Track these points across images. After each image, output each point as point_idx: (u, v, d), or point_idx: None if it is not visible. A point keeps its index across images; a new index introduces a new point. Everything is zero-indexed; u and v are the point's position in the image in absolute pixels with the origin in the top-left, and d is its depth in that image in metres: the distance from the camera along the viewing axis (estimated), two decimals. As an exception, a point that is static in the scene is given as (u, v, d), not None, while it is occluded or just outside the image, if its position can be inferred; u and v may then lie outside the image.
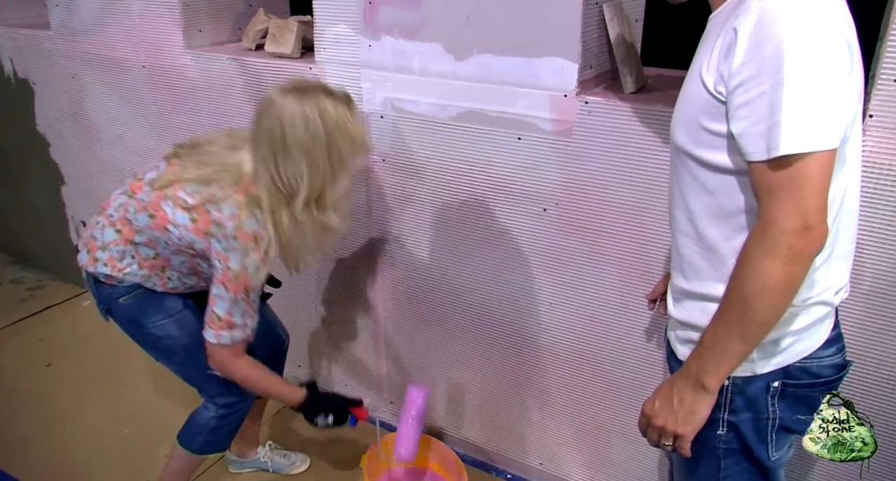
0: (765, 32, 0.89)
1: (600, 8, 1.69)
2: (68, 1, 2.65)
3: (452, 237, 2.00)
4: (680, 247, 1.14)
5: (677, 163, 1.11)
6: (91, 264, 1.70)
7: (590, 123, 1.66)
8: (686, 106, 1.06)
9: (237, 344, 1.64)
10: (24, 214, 3.49)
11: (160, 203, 1.60)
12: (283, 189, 1.53)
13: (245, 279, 1.56)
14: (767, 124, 0.90)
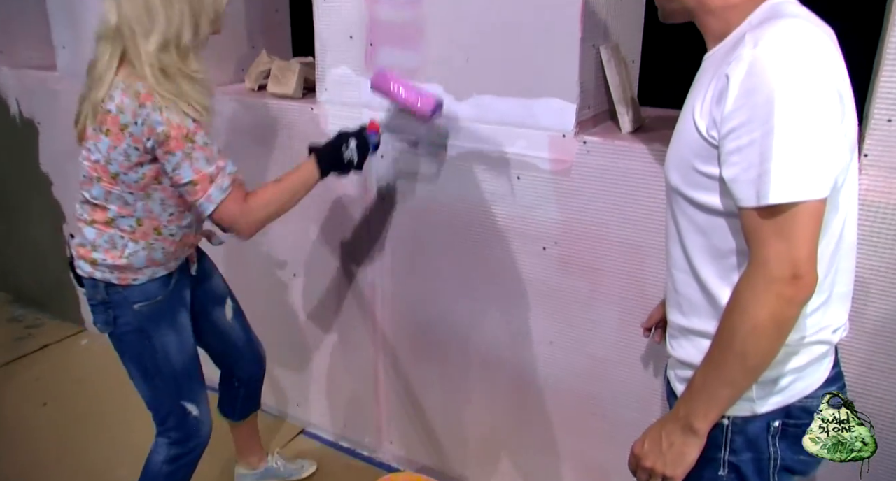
0: (756, 80, 0.90)
1: (597, 50, 1.72)
2: (75, 43, 2.70)
3: (452, 275, 2.00)
4: (677, 283, 1.14)
5: (672, 202, 1.12)
6: (95, 270, 1.61)
7: (588, 163, 1.68)
8: (679, 147, 1.07)
9: (232, 188, 1.53)
10: (24, 252, 3.49)
11: (87, 157, 1.54)
12: (137, 27, 1.44)
13: (178, 128, 1.45)
14: (758, 172, 0.91)
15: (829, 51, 0.94)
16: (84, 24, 2.64)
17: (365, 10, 1.90)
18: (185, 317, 1.74)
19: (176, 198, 1.59)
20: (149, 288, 1.65)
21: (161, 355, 1.69)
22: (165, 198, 1.58)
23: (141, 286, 1.64)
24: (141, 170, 1.51)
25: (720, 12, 1.03)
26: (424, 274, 2.06)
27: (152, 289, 1.66)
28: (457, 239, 1.96)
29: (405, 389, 2.27)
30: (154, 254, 1.62)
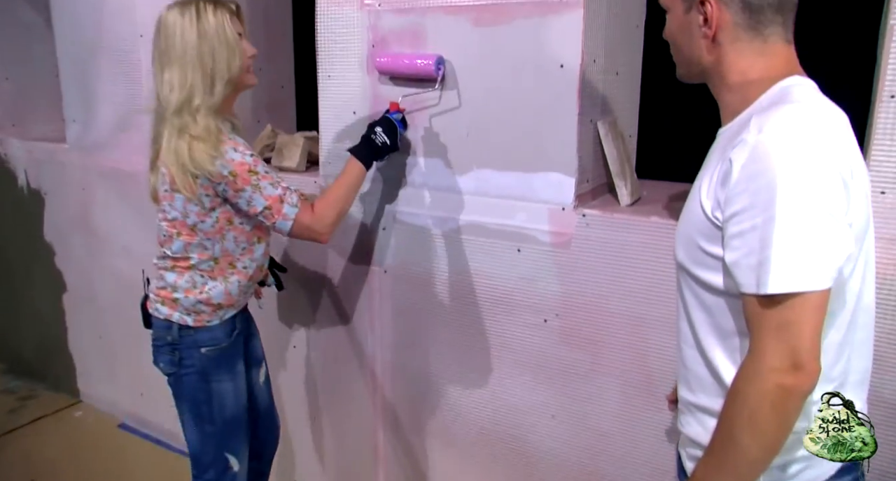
0: (758, 166, 0.90)
1: (595, 125, 1.76)
2: (86, 117, 2.77)
3: (453, 347, 1.99)
4: (685, 358, 1.13)
5: (679, 278, 1.12)
6: (173, 312, 1.74)
7: (588, 235, 1.70)
8: (687, 224, 1.07)
9: (300, 205, 1.68)
10: (22, 321, 3.48)
11: (164, 218, 1.71)
12: (163, 100, 1.62)
13: (241, 165, 1.60)
14: (758, 259, 0.90)
15: (834, 138, 0.93)
16: (95, 99, 2.71)
17: (368, 87, 1.96)
18: (242, 367, 1.86)
19: (246, 234, 1.74)
20: (217, 333, 1.77)
21: (216, 400, 1.79)
22: (237, 236, 1.72)
23: (211, 330, 1.76)
24: (214, 214, 1.67)
25: (737, 88, 1.04)
26: (425, 345, 2.05)
27: (220, 335, 1.78)
28: (458, 311, 1.95)
29: (406, 460, 2.22)
30: (230, 287, 1.76)
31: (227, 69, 1.62)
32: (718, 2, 1.01)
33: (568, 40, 1.63)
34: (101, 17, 2.59)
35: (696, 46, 1.06)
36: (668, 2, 1.10)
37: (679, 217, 1.12)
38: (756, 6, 0.99)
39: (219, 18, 1.60)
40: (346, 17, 1.97)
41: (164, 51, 1.62)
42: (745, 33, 1.01)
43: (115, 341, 3.00)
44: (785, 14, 1.01)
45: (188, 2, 1.61)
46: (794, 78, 1.01)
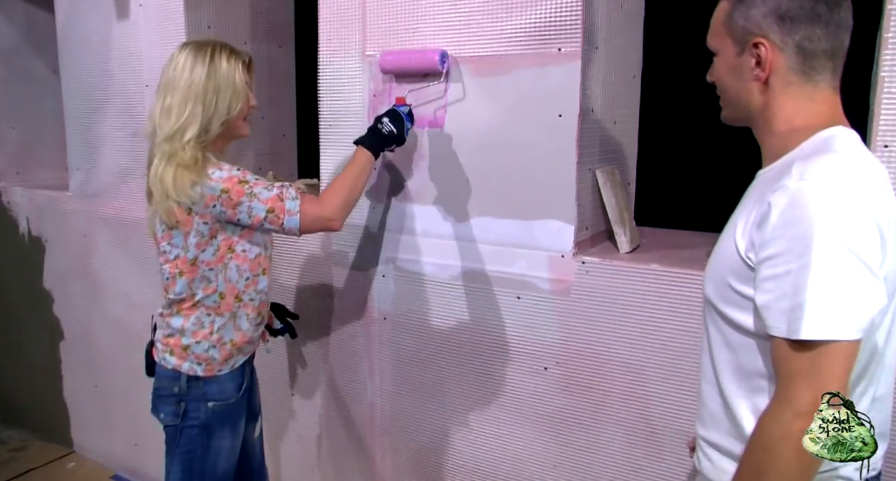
0: (797, 213, 0.91)
1: (594, 173, 1.78)
2: (89, 165, 2.80)
3: (452, 395, 1.97)
4: (703, 394, 1.13)
5: (706, 313, 1.11)
6: (183, 361, 1.70)
7: (588, 283, 1.70)
8: (719, 261, 1.07)
9: (301, 196, 1.64)
10: (17, 369, 3.44)
11: (165, 260, 1.67)
12: (157, 125, 1.62)
13: (229, 180, 1.59)
14: (790, 304, 0.91)
15: (874, 191, 0.94)
16: (99, 147, 2.75)
17: (369, 136, 1.98)
18: (243, 426, 1.82)
19: (250, 263, 1.71)
20: (227, 386, 1.74)
21: (212, 456, 1.74)
22: (240, 265, 1.69)
23: (220, 382, 1.73)
24: (215, 242, 1.64)
25: (782, 133, 1.04)
26: (424, 393, 2.02)
27: (230, 388, 1.75)
28: (457, 358, 1.94)
29: (403, 518, 2.16)
30: (240, 322, 1.73)
31: (226, 110, 1.63)
32: (773, 45, 1.01)
33: (566, 90, 1.66)
34: (107, 67, 2.65)
35: (745, 89, 1.06)
36: (717, 44, 1.10)
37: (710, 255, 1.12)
38: (810, 51, 1.01)
39: (231, 64, 1.63)
40: (347, 67, 2.01)
41: (170, 80, 1.63)
42: (797, 77, 1.02)
43: (110, 390, 2.96)
44: (836, 61, 1.03)
45: (204, 44, 1.65)
46: (837, 128, 1.02)
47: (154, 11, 2.47)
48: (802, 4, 0.99)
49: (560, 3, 1.65)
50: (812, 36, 1.00)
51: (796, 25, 1.00)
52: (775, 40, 1.01)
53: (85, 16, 2.70)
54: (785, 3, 1.00)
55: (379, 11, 1.92)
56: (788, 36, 1.00)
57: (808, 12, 0.99)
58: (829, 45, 1.01)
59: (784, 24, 1.00)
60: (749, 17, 1.03)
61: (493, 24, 1.74)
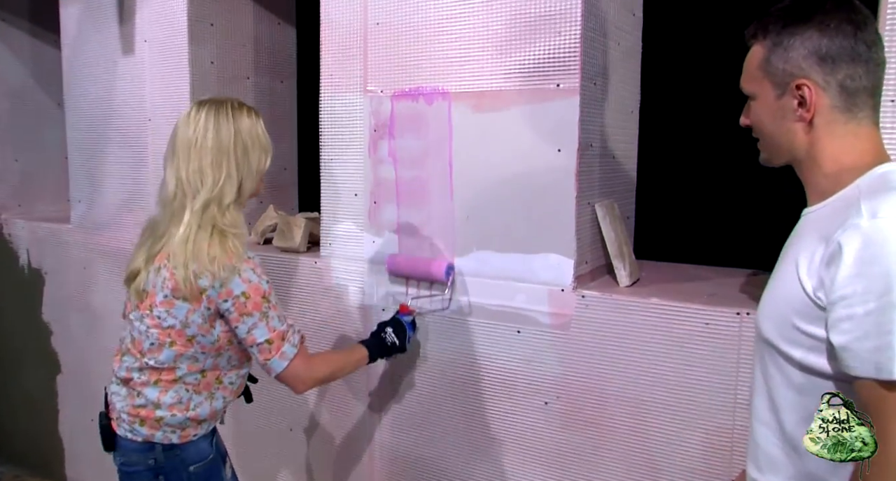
0: (875, 251, 0.90)
1: (593, 207, 1.79)
2: (90, 197, 2.82)
3: (452, 430, 1.95)
4: (757, 436, 1.10)
5: (763, 354, 1.09)
6: (156, 431, 1.60)
7: (587, 317, 1.69)
8: (777, 300, 1.05)
9: (300, 346, 1.60)
10: (12, 403, 3.41)
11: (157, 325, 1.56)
12: (189, 189, 1.54)
13: (256, 289, 1.53)
14: (875, 344, 0.89)
15: None
16: (101, 179, 2.77)
17: (370, 170, 2.00)
18: (229, 471, 1.75)
19: (240, 355, 1.64)
20: (202, 445, 1.66)
21: None
22: (233, 355, 1.63)
23: (197, 444, 1.64)
24: (215, 331, 1.56)
25: (832, 174, 1.03)
26: (423, 428, 2.00)
27: (205, 448, 1.66)
28: (457, 393, 1.92)
29: (401, 556, 2.12)
30: (216, 403, 1.65)
31: (256, 168, 1.60)
32: (816, 85, 1.02)
33: (565, 125, 1.68)
34: (111, 102, 2.68)
35: (788, 130, 1.06)
36: (754, 88, 1.10)
37: (764, 293, 1.10)
38: (853, 89, 1.01)
39: (252, 120, 1.60)
40: (348, 102, 2.03)
41: (192, 141, 1.55)
42: (840, 116, 1.03)
43: (106, 424, 2.93)
44: (876, 97, 1.04)
45: (221, 101, 1.60)
46: (890, 164, 1.02)
47: (158, 47, 2.51)
48: (843, 44, 1.00)
49: (559, 40, 1.67)
50: (854, 74, 1.01)
51: (838, 65, 1.01)
52: (818, 80, 1.02)
53: (90, 51, 2.75)
54: (825, 44, 1.01)
55: (380, 47, 1.95)
56: (831, 76, 1.01)
57: (850, 52, 1.00)
58: (871, 82, 1.02)
59: (826, 65, 1.01)
60: (789, 59, 1.03)
61: (492, 61, 1.77)
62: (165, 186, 1.59)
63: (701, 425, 1.58)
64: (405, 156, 1.93)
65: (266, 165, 1.63)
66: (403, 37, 1.90)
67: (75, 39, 2.81)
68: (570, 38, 1.66)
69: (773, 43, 1.05)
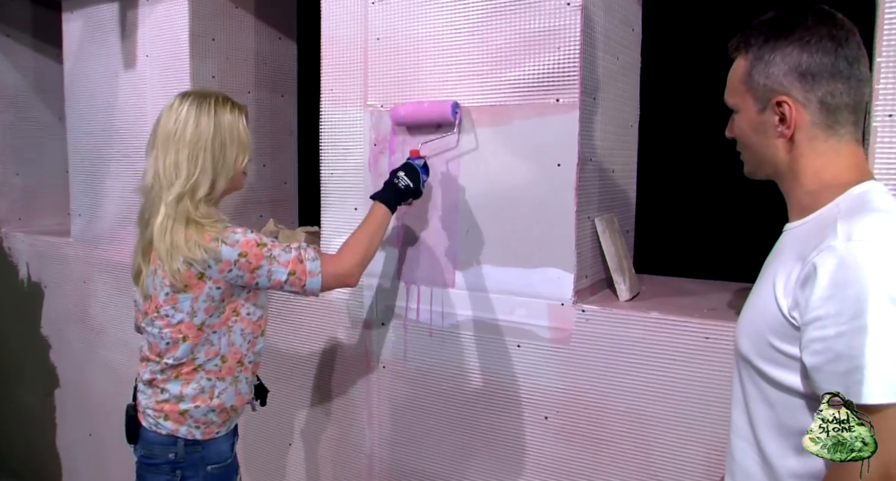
0: (848, 274, 0.89)
1: (592, 221, 1.79)
2: (91, 211, 2.82)
3: (452, 445, 1.94)
4: (735, 451, 1.10)
5: (741, 370, 1.09)
6: (180, 425, 1.62)
7: (587, 331, 1.69)
8: (754, 318, 1.05)
9: (319, 256, 1.61)
10: (11, 417, 3.40)
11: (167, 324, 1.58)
12: (164, 181, 1.55)
13: (246, 243, 1.54)
14: (846, 367, 0.89)
15: None
16: (102, 193, 2.77)
17: (370, 183, 2.00)
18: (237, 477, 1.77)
19: (252, 326, 1.66)
20: (223, 447, 1.69)
21: None
22: (244, 328, 1.64)
23: (218, 444, 1.67)
24: (222, 305, 1.59)
25: (813, 190, 1.03)
26: (423, 443, 1.99)
27: (226, 449, 1.69)
28: (457, 408, 1.91)
29: None
30: (240, 386, 1.68)
31: (233, 165, 1.61)
32: (796, 102, 1.02)
33: (565, 140, 1.69)
34: (113, 116, 2.69)
35: (770, 145, 1.06)
36: (737, 102, 1.10)
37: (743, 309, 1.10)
38: (833, 106, 1.01)
39: (235, 116, 1.61)
40: (349, 117, 2.04)
41: (171, 133, 1.57)
42: (821, 132, 1.02)
43: (105, 438, 2.92)
44: (858, 114, 1.03)
45: (205, 95, 1.61)
46: (871, 183, 1.02)
47: (160, 62, 2.53)
48: (823, 61, 1.00)
49: (558, 55, 1.69)
50: (834, 91, 1.00)
51: (818, 82, 1.00)
52: (798, 97, 1.01)
53: (92, 65, 2.76)
54: (805, 60, 1.00)
55: (380, 62, 1.96)
56: (811, 92, 1.01)
57: (830, 68, 1.00)
58: (852, 99, 1.01)
59: (806, 81, 1.01)
60: (769, 75, 1.03)
61: (492, 76, 1.78)
62: (145, 176, 1.62)
63: (701, 439, 1.57)
64: (405, 171, 1.94)
65: (243, 162, 1.64)
66: (403, 52, 1.92)
67: (77, 54, 2.83)
68: (570, 54, 1.67)
69: (755, 57, 1.05)
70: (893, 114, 1.39)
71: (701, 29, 2.31)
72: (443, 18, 1.84)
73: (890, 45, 1.39)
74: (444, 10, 1.84)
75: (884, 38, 1.39)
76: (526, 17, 1.72)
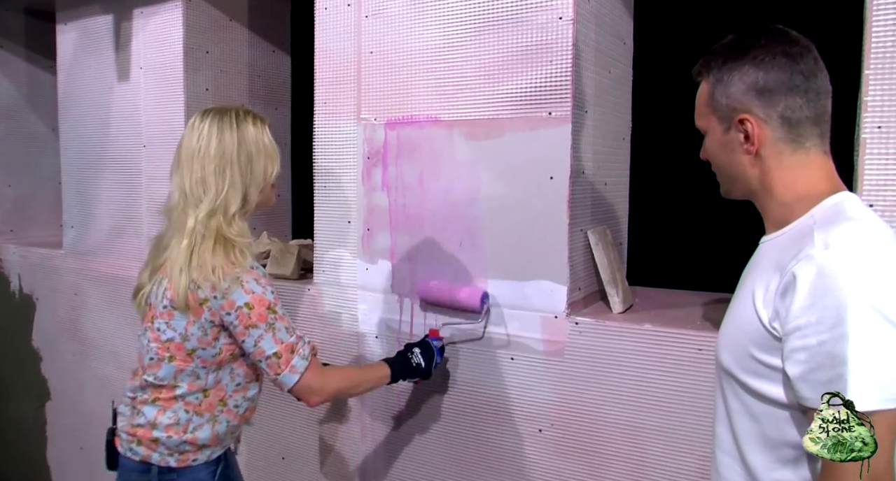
0: (828, 282, 0.91)
1: (585, 234, 1.80)
2: (83, 223, 2.81)
3: (447, 458, 1.93)
4: (719, 465, 1.10)
5: (723, 383, 1.09)
6: (153, 452, 1.55)
7: (581, 343, 1.69)
8: (735, 330, 1.06)
9: (311, 358, 1.54)
10: (0, 430, 3.37)
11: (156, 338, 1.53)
12: (192, 199, 1.51)
13: (260, 300, 1.47)
14: (828, 375, 0.90)
15: (894, 254, 0.95)
16: (95, 205, 2.77)
17: (364, 197, 2.00)
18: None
19: (245, 369, 1.59)
20: (201, 476, 1.59)
21: None
22: (235, 368, 1.58)
23: (195, 472, 1.58)
24: (218, 344, 1.52)
25: (785, 201, 1.05)
26: (416, 458, 1.98)
27: (204, 477, 1.60)
28: (451, 420, 1.91)
29: None
30: (219, 427, 1.58)
31: (263, 176, 1.57)
32: (758, 119, 1.04)
33: (557, 153, 1.69)
34: (106, 128, 2.69)
35: (738, 163, 1.08)
36: (704, 124, 1.12)
37: (723, 322, 1.11)
38: (795, 120, 1.03)
39: (258, 128, 1.58)
40: (342, 130, 2.04)
41: (195, 150, 1.53)
42: (786, 146, 1.04)
43: (95, 452, 2.89)
44: (821, 126, 1.05)
45: (225, 109, 1.58)
46: (844, 193, 1.04)
47: (154, 74, 2.53)
48: (779, 77, 1.02)
49: (550, 68, 1.69)
50: (793, 105, 1.03)
51: (776, 97, 1.03)
52: (759, 114, 1.04)
53: (86, 77, 2.76)
54: (762, 78, 1.03)
55: (374, 75, 1.97)
56: (771, 108, 1.03)
57: (786, 83, 1.02)
58: (812, 111, 1.03)
59: (765, 98, 1.03)
60: (730, 94, 1.06)
61: (485, 89, 1.79)
62: (170, 197, 1.57)
63: (696, 451, 1.57)
64: (398, 184, 1.94)
65: (273, 173, 1.60)
66: (397, 65, 1.92)
67: (71, 65, 2.83)
68: (562, 67, 1.68)
69: (716, 79, 1.08)
70: (882, 125, 1.40)
71: (692, 42, 2.33)
72: (436, 32, 1.85)
73: (877, 58, 1.40)
74: (437, 24, 1.85)
75: (871, 51, 1.40)
76: (518, 32, 1.73)
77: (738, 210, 1.34)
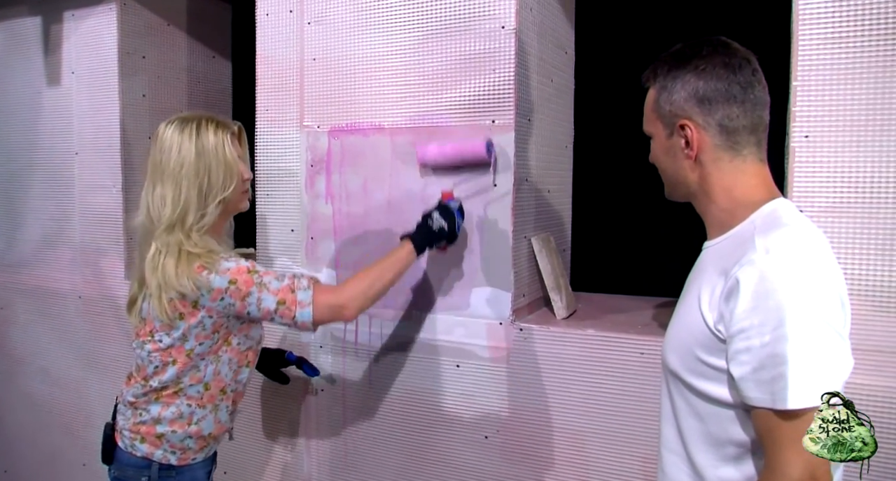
0: (769, 286, 0.94)
1: (529, 241, 1.81)
2: (11, 234, 2.69)
3: (393, 467, 1.91)
4: (665, 464, 1.12)
5: (669, 384, 1.12)
6: (156, 449, 1.58)
7: (526, 349, 1.70)
8: (681, 333, 1.09)
9: (314, 286, 1.54)
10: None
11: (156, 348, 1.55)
12: (154, 214, 1.52)
13: (237, 271, 1.49)
14: (771, 374, 0.93)
15: (830, 260, 1.00)
16: (23, 215, 2.65)
17: (307, 205, 1.98)
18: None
19: (239, 356, 1.62)
20: (198, 474, 1.65)
21: None
22: (231, 357, 1.60)
23: (193, 471, 1.63)
24: (215, 336, 1.55)
25: (724, 205, 1.09)
26: (362, 467, 1.96)
27: (201, 477, 1.65)
28: (397, 429, 1.89)
29: None
30: (220, 414, 1.63)
31: (221, 189, 1.54)
32: (697, 126, 1.08)
33: (501, 160, 1.71)
34: (35, 134, 2.59)
35: (680, 167, 1.12)
36: (650, 129, 1.17)
37: (669, 325, 1.14)
38: (732, 128, 1.07)
39: (219, 137, 1.53)
40: (285, 138, 2.02)
41: (158, 164, 1.53)
42: (724, 153, 1.08)
43: (22, 475, 2.76)
44: (758, 135, 1.09)
45: (189, 118, 1.55)
46: (780, 200, 1.08)
47: (87, 79, 2.45)
48: (717, 87, 1.07)
49: (493, 77, 1.71)
50: (731, 114, 1.07)
51: (715, 106, 1.07)
52: (698, 121, 1.08)
53: (14, 81, 2.65)
54: (702, 87, 1.07)
55: (317, 83, 1.95)
56: (709, 116, 1.07)
57: (724, 93, 1.07)
58: (749, 121, 1.08)
59: (704, 106, 1.08)
60: (673, 101, 1.10)
61: (428, 97, 1.79)
62: (139, 212, 1.58)
63: (638, 453, 1.60)
64: (342, 192, 1.92)
65: (231, 188, 1.56)
66: (340, 72, 1.91)
67: (-3, 69, 2.71)
68: (505, 76, 1.70)
69: (661, 86, 1.12)
70: (809, 135, 1.46)
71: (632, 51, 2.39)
72: (380, 40, 1.85)
73: (804, 70, 1.46)
74: (381, 32, 1.84)
75: (798, 65, 1.46)
76: (462, 41, 1.74)
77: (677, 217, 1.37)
